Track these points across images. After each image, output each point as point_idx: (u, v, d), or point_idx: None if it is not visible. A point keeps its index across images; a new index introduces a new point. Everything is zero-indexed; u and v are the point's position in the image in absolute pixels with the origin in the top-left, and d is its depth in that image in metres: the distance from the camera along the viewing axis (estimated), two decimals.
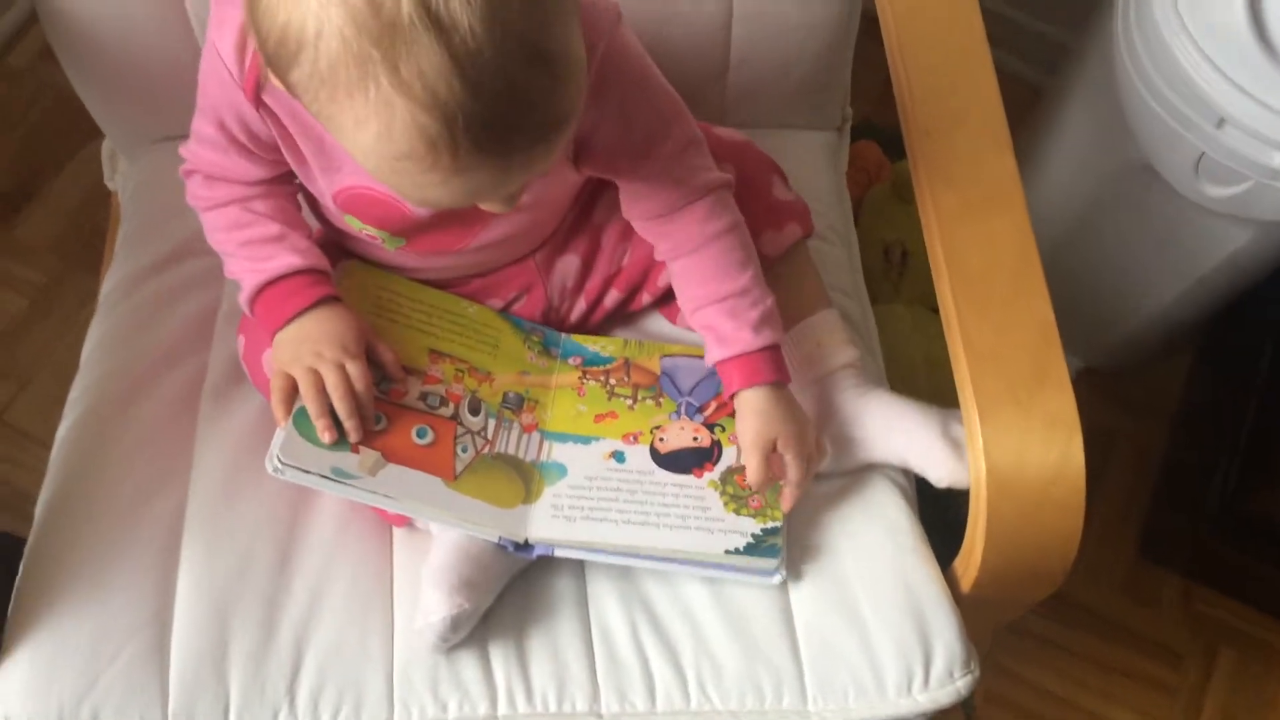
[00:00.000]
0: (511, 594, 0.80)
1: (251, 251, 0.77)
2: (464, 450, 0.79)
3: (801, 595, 0.80)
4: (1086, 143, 1.21)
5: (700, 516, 0.79)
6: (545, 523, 0.78)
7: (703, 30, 0.95)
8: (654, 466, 0.81)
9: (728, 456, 0.82)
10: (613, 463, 0.81)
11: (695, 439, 0.83)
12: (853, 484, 0.84)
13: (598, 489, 0.80)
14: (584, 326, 0.91)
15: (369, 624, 0.78)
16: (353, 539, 0.81)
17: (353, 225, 0.79)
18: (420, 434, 0.78)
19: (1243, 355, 1.31)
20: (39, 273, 1.38)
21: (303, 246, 0.78)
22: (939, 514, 0.88)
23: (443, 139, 0.54)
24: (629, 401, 0.85)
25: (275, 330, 0.76)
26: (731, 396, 0.80)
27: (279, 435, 0.74)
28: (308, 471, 0.73)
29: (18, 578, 0.78)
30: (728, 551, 0.78)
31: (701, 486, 0.81)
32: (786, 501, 0.79)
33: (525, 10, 0.54)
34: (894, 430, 0.82)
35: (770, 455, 0.78)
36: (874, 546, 0.81)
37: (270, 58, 0.57)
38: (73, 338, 1.32)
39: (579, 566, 0.81)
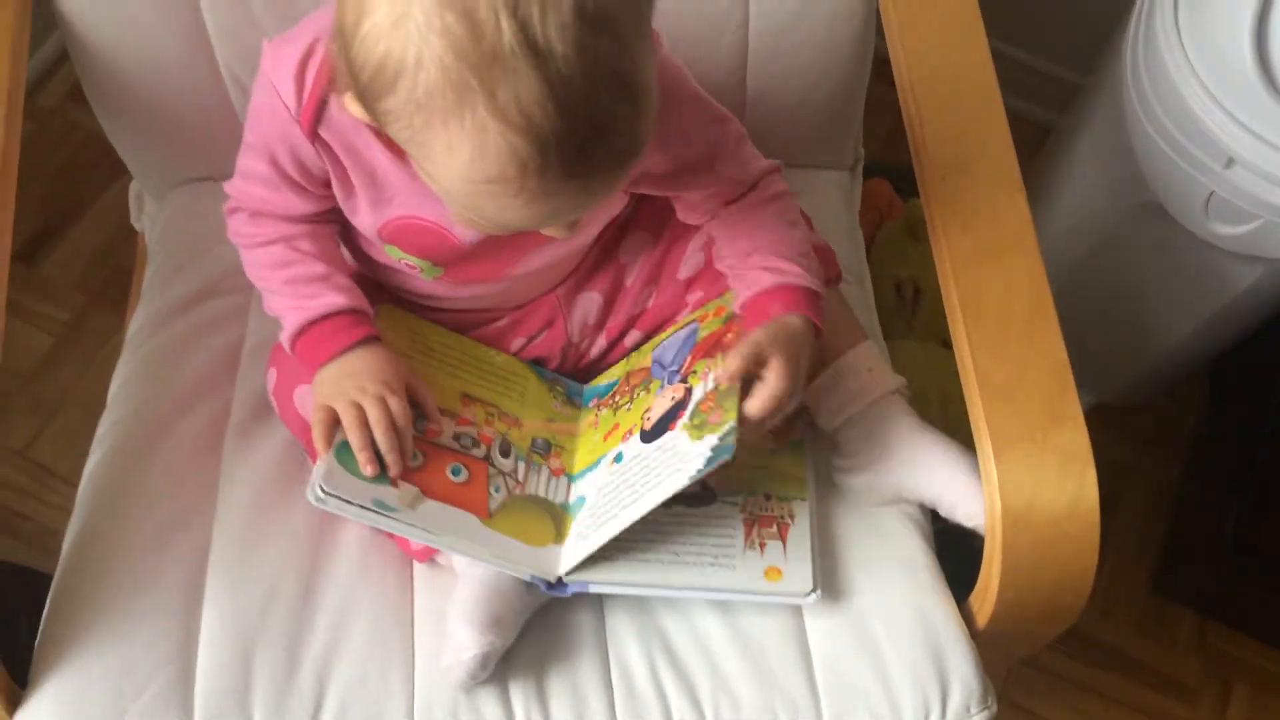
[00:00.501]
0: (531, 630, 0.80)
1: (296, 289, 0.79)
2: (496, 490, 0.80)
3: (818, 629, 0.81)
4: (1097, 182, 1.22)
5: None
6: (580, 559, 0.78)
7: (719, 70, 0.97)
8: (642, 447, 0.80)
9: (696, 394, 0.80)
10: (615, 466, 0.81)
11: (673, 398, 0.82)
12: (869, 519, 0.85)
13: (608, 502, 0.80)
14: (602, 364, 0.92)
15: (390, 659, 0.79)
16: (374, 574, 0.82)
17: (393, 255, 0.81)
18: (455, 472, 0.79)
19: (1254, 391, 1.32)
20: (64, 310, 1.40)
21: (345, 286, 0.79)
22: (955, 549, 0.89)
23: (534, 162, 0.57)
24: (628, 405, 0.86)
25: (317, 368, 0.78)
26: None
27: (320, 465, 0.75)
28: (349, 502, 0.74)
29: (45, 612, 0.79)
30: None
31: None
32: (754, 404, 0.76)
33: (613, 42, 0.56)
34: (937, 467, 0.82)
35: (753, 364, 0.77)
36: (890, 581, 0.82)
37: (364, 86, 0.59)
38: (96, 374, 1.34)
39: (598, 602, 0.82)
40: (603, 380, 0.90)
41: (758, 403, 0.76)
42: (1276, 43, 0.95)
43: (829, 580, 0.82)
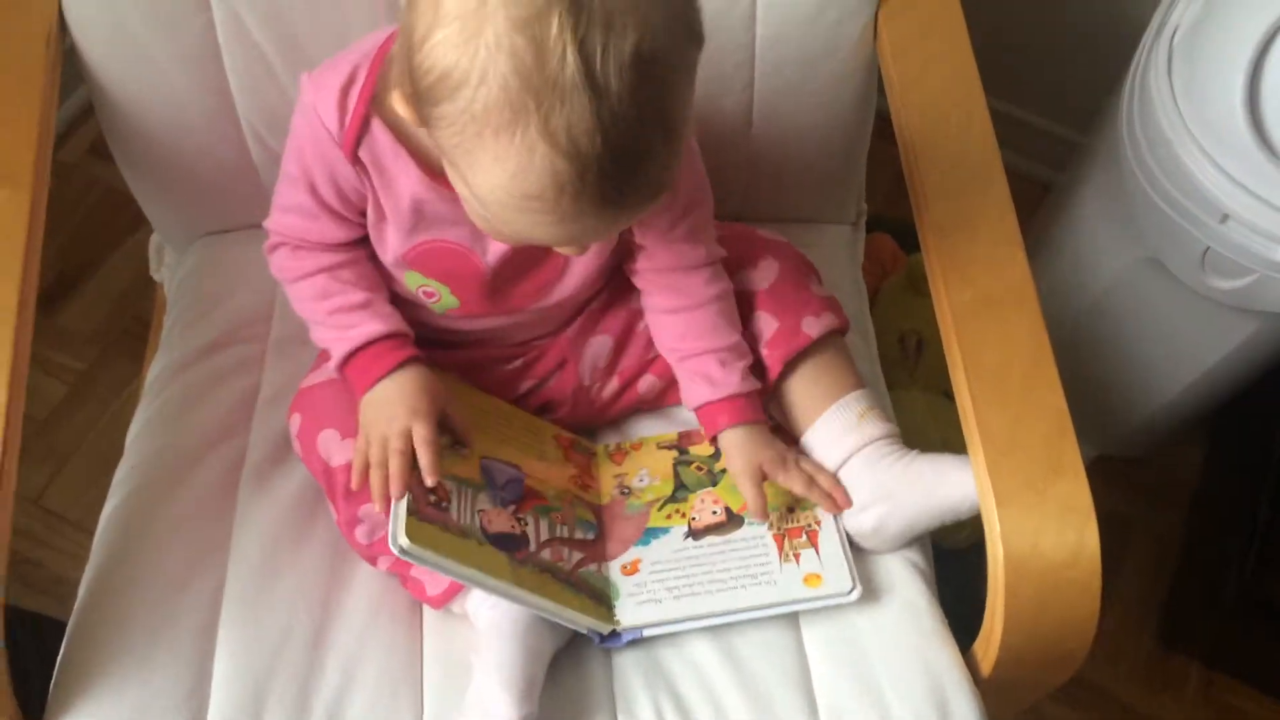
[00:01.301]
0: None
1: (338, 320, 0.82)
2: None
3: (823, 676, 0.81)
4: (1095, 237, 1.24)
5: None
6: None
7: (725, 128, 1.00)
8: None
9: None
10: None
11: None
12: (872, 565, 0.86)
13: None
14: (615, 405, 0.94)
15: (399, 705, 0.80)
16: (385, 620, 0.83)
17: (409, 284, 0.83)
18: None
19: (1256, 442, 1.33)
20: (79, 360, 1.42)
21: (386, 312, 0.83)
22: (958, 598, 0.90)
23: (572, 186, 0.60)
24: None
25: (363, 393, 0.81)
26: (714, 439, 0.87)
27: (400, 515, 0.76)
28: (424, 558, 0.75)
29: (59, 657, 0.80)
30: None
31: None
32: (832, 502, 0.85)
33: (662, 85, 0.60)
34: (948, 477, 0.83)
35: (761, 482, 0.84)
36: (894, 628, 0.83)
37: (424, 90, 0.61)
38: (109, 424, 1.37)
39: (605, 655, 0.83)
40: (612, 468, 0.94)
41: (825, 499, 0.86)
42: (1268, 101, 0.97)
43: (832, 628, 0.83)
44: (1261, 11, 0.97)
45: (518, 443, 0.87)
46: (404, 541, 0.74)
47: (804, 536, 0.84)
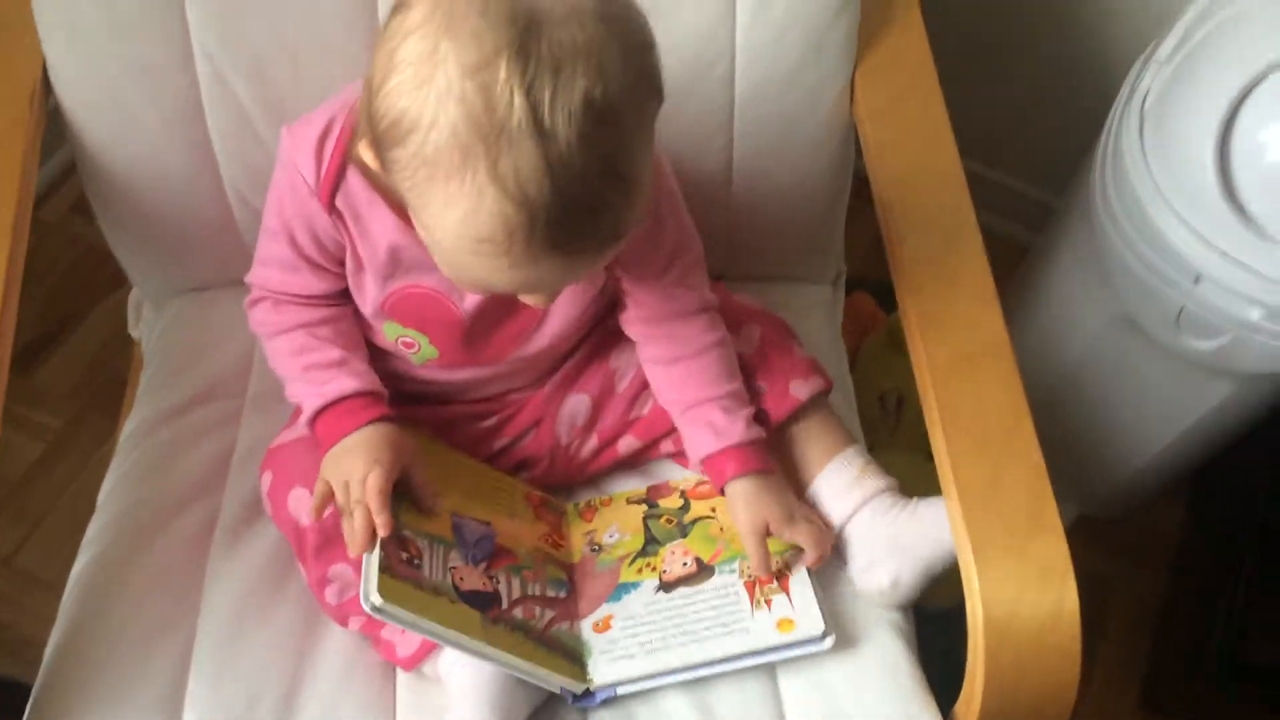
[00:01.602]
0: None
1: (313, 376, 0.82)
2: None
3: None
4: (1072, 297, 1.26)
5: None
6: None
7: (705, 187, 1.01)
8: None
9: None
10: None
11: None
12: (853, 626, 0.85)
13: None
14: (594, 464, 0.94)
15: None
16: (358, 681, 0.82)
17: (388, 335, 0.84)
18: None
19: (1236, 502, 1.34)
20: (55, 418, 1.41)
21: (360, 370, 0.83)
22: (938, 658, 0.89)
23: (521, 231, 0.61)
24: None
25: (330, 446, 0.80)
26: (721, 489, 0.86)
27: (371, 573, 0.75)
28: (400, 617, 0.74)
29: (26, 713, 0.78)
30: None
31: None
32: (811, 562, 0.84)
33: (615, 134, 0.61)
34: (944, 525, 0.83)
35: (765, 539, 0.84)
36: (875, 688, 0.82)
37: (380, 134, 0.63)
38: (84, 482, 1.35)
39: (580, 716, 0.82)
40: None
41: (812, 561, 0.84)
42: (1238, 164, 0.99)
43: (812, 687, 0.82)
44: (1229, 77, 0.99)
45: (488, 500, 0.87)
46: (376, 599, 0.73)
47: (774, 582, 0.84)
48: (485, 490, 0.88)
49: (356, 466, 0.78)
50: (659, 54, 0.64)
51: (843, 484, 0.87)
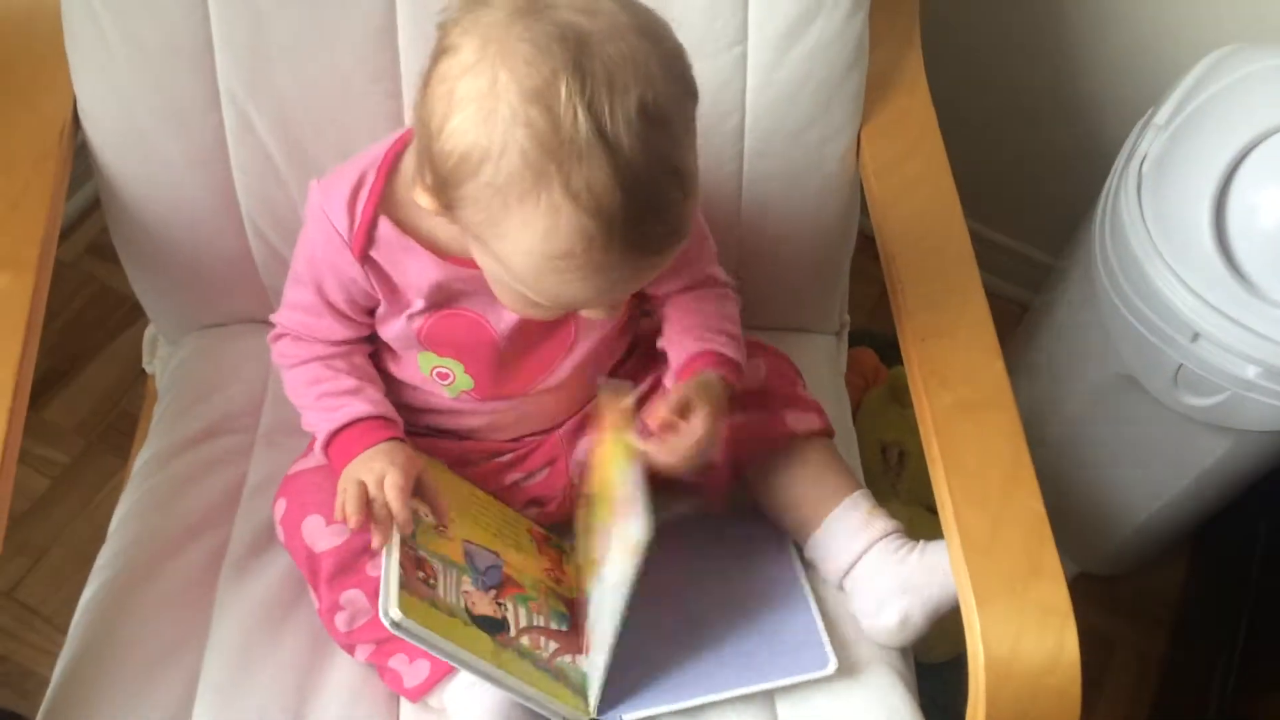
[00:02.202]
0: None
1: (326, 403, 0.84)
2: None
3: None
4: (1073, 355, 1.27)
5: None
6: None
7: (715, 233, 1.02)
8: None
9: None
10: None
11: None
12: (854, 668, 0.86)
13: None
14: None
15: None
16: (362, 712, 0.83)
17: (423, 367, 0.85)
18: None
19: (1235, 560, 1.34)
20: (63, 454, 1.42)
21: (375, 398, 0.84)
22: (935, 713, 0.89)
23: (599, 239, 0.63)
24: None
25: (346, 464, 0.82)
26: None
27: (391, 589, 0.75)
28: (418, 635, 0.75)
29: None
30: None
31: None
32: (659, 451, 0.80)
33: (668, 134, 0.64)
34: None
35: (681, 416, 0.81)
36: None
37: (446, 174, 0.65)
38: (89, 518, 1.36)
39: None
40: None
41: (683, 444, 0.80)
42: (1234, 225, 1.01)
43: None
44: (1225, 142, 1.02)
45: (495, 531, 0.88)
46: (396, 614, 0.73)
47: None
48: (493, 522, 0.89)
49: (373, 469, 0.80)
50: (689, 59, 0.68)
51: (853, 525, 0.88)
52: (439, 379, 0.86)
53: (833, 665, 0.83)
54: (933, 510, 0.88)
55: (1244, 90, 1.05)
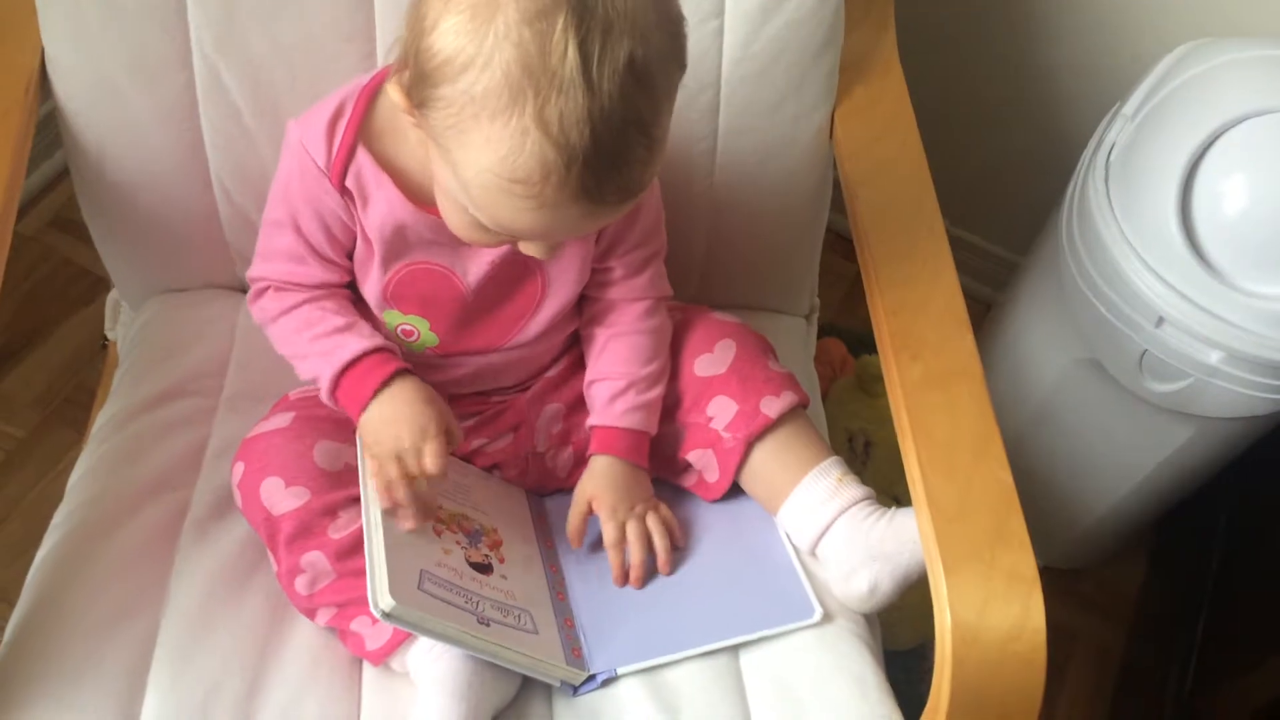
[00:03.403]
0: None
1: (322, 345, 0.83)
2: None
3: None
4: (1037, 343, 1.28)
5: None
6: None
7: (689, 213, 1.04)
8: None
9: None
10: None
11: None
12: (819, 638, 0.85)
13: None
14: (571, 477, 0.94)
15: None
16: (323, 675, 0.81)
17: (389, 323, 0.85)
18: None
19: (1193, 558, 1.35)
20: (19, 427, 1.39)
21: (368, 331, 0.84)
22: (900, 690, 0.89)
23: (556, 174, 0.64)
24: None
25: (360, 413, 0.82)
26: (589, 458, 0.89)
27: (380, 574, 0.74)
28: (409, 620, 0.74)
29: None
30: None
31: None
32: (664, 562, 0.87)
33: (648, 95, 0.65)
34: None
35: (585, 514, 0.88)
36: (840, 699, 0.82)
37: (427, 71, 0.65)
38: (44, 491, 1.33)
39: (548, 717, 0.81)
40: None
41: (614, 567, 0.87)
42: (1199, 211, 1.03)
43: (778, 698, 0.82)
44: (1192, 131, 1.04)
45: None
46: (388, 602, 0.72)
47: None
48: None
49: (404, 436, 0.79)
50: (687, 30, 0.69)
51: (822, 494, 0.88)
52: (403, 336, 0.86)
53: (818, 614, 0.84)
54: (898, 500, 0.88)
55: (1211, 81, 1.07)
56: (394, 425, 0.80)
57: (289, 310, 0.84)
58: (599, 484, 0.88)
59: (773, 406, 0.91)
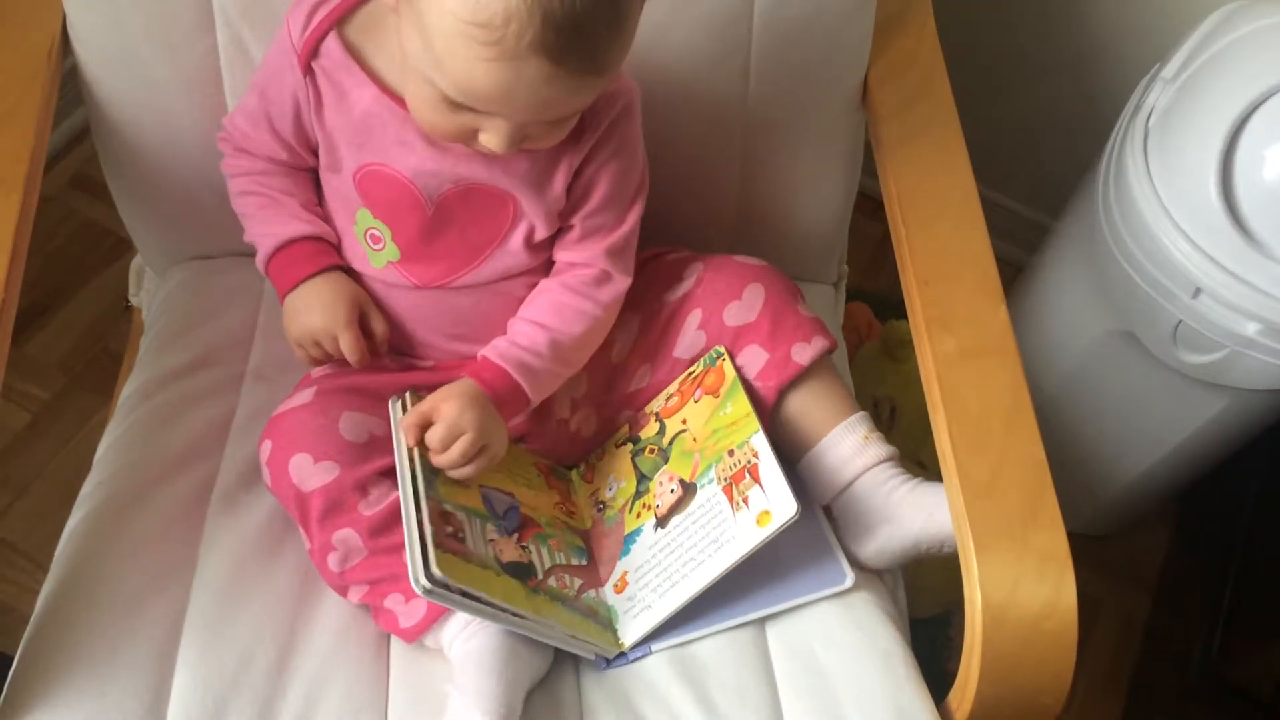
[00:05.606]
0: None
1: (266, 215, 0.87)
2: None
3: (795, 718, 0.80)
4: (1069, 311, 1.27)
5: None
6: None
7: (719, 174, 1.02)
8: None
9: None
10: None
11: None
12: (846, 611, 0.85)
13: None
14: (595, 442, 0.94)
15: None
16: (352, 646, 0.81)
17: (360, 225, 0.86)
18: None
19: (1222, 523, 1.35)
20: (44, 389, 1.40)
21: (310, 217, 0.87)
22: (931, 655, 0.89)
23: (517, 21, 0.65)
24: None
25: (285, 294, 0.86)
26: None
27: (417, 551, 0.74)
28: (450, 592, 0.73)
29: (12, 669, 0.77)
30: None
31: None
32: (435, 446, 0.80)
33: None
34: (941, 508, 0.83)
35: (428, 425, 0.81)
36: (868, 673, 0.82)
37: None
38: (71, 454, 1.34)
39: (576, 690, 0.82)
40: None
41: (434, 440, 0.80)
42: (1240, 180, 1.00)
43: (805, 671, 0.82)
44: (1233, 97, 1.01)
45: (506, 470, 0.86)
46: (430, 578, 0.71)
47: (746, 476, 0.83)
48: (503, 460, 0.87)
49: (314, 322, 0.84)
50: None
51: (848, 450, 0.87)
52: (371, 242, 0.86)
53: (850, 579, 0.84)
54: (923, 465, 0.87)
55: (1254, 45, 1.04)
56: (306, 314, 0.84)
57: (242, 174, 0.88)
58: (446, 403, 0.80)
59: (804, 354, 0.89)
